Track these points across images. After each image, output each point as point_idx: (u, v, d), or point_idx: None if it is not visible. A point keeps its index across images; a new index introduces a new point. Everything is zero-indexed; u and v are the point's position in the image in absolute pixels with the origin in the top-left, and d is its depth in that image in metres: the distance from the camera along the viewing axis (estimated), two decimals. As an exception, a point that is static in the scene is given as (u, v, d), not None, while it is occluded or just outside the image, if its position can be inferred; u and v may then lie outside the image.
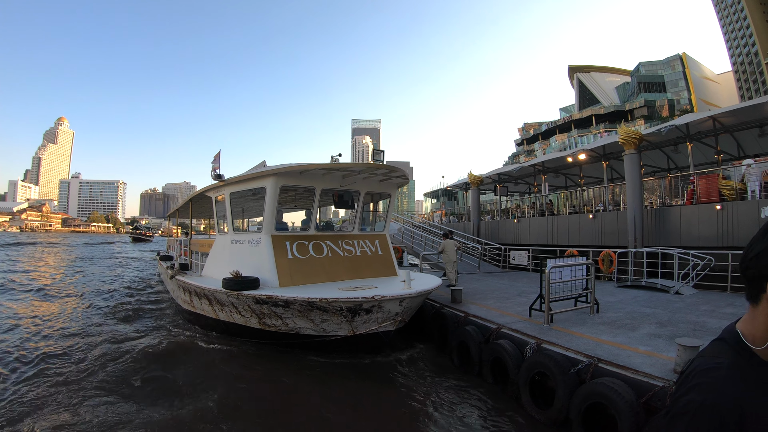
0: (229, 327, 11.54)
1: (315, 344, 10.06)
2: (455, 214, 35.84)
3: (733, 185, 14.55)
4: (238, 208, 14.26)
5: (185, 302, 14.02)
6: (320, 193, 11.70)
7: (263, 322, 10.37)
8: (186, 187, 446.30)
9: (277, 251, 10.68)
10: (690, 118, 17.28)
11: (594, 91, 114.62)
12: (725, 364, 1.21)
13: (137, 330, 13.16)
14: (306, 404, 7.84)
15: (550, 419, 6.65)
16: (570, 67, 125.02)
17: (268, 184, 10.77)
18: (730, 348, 1.25)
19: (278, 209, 11.46)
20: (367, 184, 12.50)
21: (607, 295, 12.55)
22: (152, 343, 11.41)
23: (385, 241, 13.12)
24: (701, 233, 14.69)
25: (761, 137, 17.04)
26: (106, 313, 15.85)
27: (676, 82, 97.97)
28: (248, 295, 9.70)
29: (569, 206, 23.34)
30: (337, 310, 9.04)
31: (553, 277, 9.44)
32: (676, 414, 1.19)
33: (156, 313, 16.01)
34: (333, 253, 11.62)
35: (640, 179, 16.62)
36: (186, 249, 17.24)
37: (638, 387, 5.74)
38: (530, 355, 7.58)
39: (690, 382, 1.22)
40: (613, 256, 15.66)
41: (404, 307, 9.17)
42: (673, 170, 21.97)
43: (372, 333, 9.40)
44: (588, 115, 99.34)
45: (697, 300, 11.76)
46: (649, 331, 8.36)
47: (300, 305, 9.20)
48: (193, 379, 8.97)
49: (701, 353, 1.33)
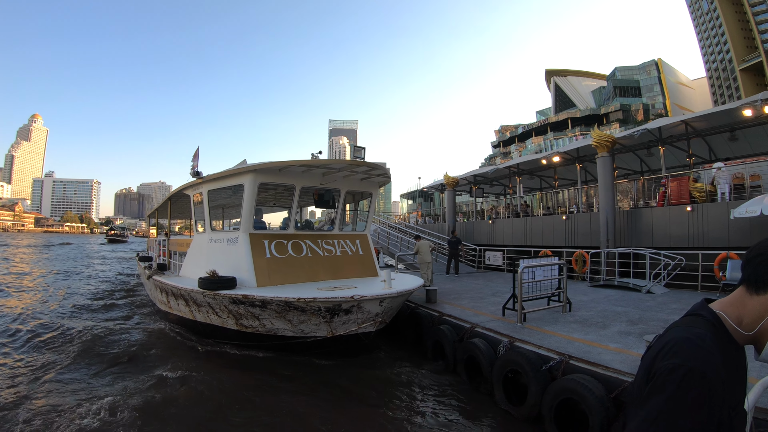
0: (206, 328, 11.27)
1: (293, 346, 9.90)
2: (431, 215, 36.03)
3: (704, 188, 14.94)
4: (216, 206, 14.07)
5: (162, 303, 13.75)
6: (300, 192, 11.49)
7: (240, 323, 10.15)
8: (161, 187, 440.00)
9: (255, 250, 10.46)
10: (662, 122, 17.62)
11: (570, 95, 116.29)
12: (708, 337, 1.24)
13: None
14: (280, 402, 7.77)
15: (523, 415, 6.72)
16: (547, 70, 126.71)
17: (246, 181, 10.58)
18: (709, 323, 1.30)
19: (258, 208, 11.32)
20: (348, 183, 12.32)
21: (579, 295, 12.70)
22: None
23: (366, 241, 12.96)
24: (672, 234, 15.02)
25: (732, 141, 17.44)
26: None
27: (651, 87, 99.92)
28: (224, 295, 9.47)
29: (544, 207, 23.65)
30: (316, 311, 8.88)
31: (526, 276, 9.53)
32: (661, 376, 1.19)
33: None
34: (312, 252, 11.43)
35: (612, 181, 16.91)
36: (165, 249, 16.97)
37: (608, 383, 5.83)
38: (503, 353, 7.62)
39: (675, 348, 1.23)
40: (586, 256, 15.89)
41: (384, 308, 9.05)
42: (645, 173, 22.37)
43: (352, 334, 9.26)
44: (564, 119, 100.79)
45: (668, 299, 12.01)
46: (620, 329, 8.50)
47: (277, 305, 9.02)
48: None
49: (677, 323, 1.37)
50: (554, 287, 10.48)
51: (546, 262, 10.28)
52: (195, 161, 11.89)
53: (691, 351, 1.19)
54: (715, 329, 1.28)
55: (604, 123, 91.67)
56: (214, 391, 8.16)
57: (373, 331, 9.32)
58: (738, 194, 14.27)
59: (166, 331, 12.71)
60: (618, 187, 18.32)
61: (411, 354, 10.59)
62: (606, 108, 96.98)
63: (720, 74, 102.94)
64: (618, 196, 18.06)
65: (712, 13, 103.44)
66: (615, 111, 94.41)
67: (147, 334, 12.57)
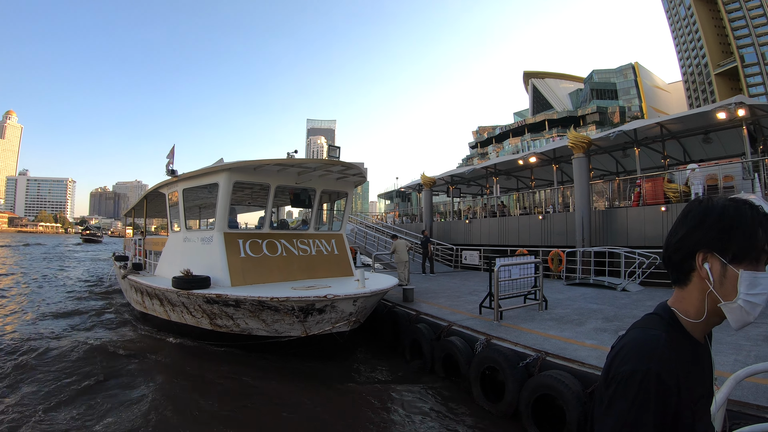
0: (181, 328, 11.14)
1: (268, 346, 9.79)
2: (408, 215, 36.05)
3: (678, 188, 15.18)
4: (193, 206, 13.89)
5: (137, 303, 13.56)
6: (275, 191, 11.46)
7: (215, 322, 10.04)
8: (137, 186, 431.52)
9: (230, 249, 10.37)
10: (638, 124, 17.91)
11: (548, 97, 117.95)
12: (663, 336, 1.30)
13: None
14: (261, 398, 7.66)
15: (501, 412, 6.74)
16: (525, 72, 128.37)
17: (221, 179, 10.50)
18: (665, 322, 1.37)
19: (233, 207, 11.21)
20: (324, 182, 12.28)
21: (555, 293, 12.80)
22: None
23: (342, 240, 12.93)
24: (647, 233, 15.22)
25: (706, 143, 17.78)
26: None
27: (627, 89, 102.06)
28: (198, 295, 9.37)
29: (520, 207, 23.87)
30: (289, 310, 8.81)
31: (502, 275, 9.62)
32: (622, 381, 1.24)
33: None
34: (288, 252, 11.37)
35: (588, 182, 17.09)
36: (141, 249, 16.71)
37: (584, 378, 5.86)
38: (480, 350, 7.62)
39: (631, 352, 1.29)
40: (562, 255, 16.00)
41: (358, 307, 9.00)
42: (621, 173, 22.67)
43: (326, 334, 9.18)
44: (541, 120, 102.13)
45: (643, 296, 12.17)
46: (596, 326, 8.57)
47: (250, 305, 8.94)
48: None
49: (636, 324, 1.42)
50: (530, 285, 10.59)
51: (522, 260, 10.39)
52: (170, 159, 11.73)
53: (647, 353, 1.26)
54: (671, 327, 1.35)
55: (581, 125, 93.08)
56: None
57: (347, 331, 9.25)
58: (711, 194, 14.38)
59: (139, 333, 12.49)
60: (594, 188, 18.52)
61: (388, 353, 10.56)
62: (583, 110, 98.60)
63: (695, 78, 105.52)
64: (594, 197, 18.26)
65: (689, 19, 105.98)
66: (592, 113, 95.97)
67: (118, 336, 12.32)
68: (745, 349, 6.57)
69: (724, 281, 1.28)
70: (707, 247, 1.30)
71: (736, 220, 1.28)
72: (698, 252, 1.31)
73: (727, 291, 1.28)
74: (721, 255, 1.28)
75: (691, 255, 1.33)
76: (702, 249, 1.31)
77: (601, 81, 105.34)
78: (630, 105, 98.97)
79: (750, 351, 6.53)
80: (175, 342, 11.17)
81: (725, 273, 1.28)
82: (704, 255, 1.30)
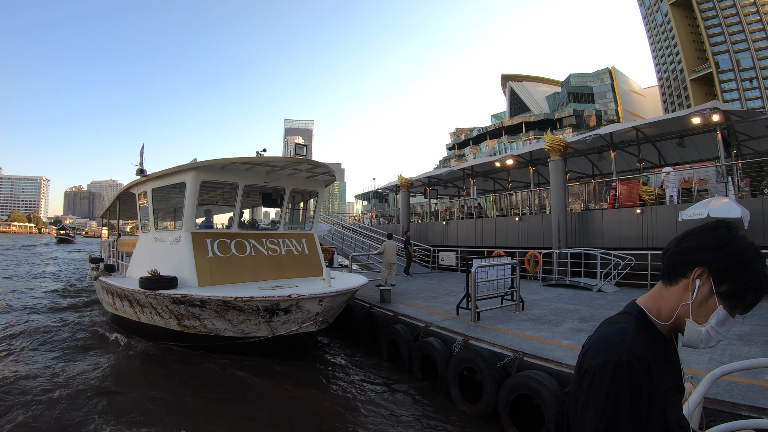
0: (150, 330, 10.93)
1: (235, 347, 9.65)
2: (385, 216, 36.10)
3: (653, 191, 15.45)
4: (167, 206, 13.66)
5: (109, 305, 13.29)
6: (244, 190, 11.34)
7: (182, 323, 9.88)
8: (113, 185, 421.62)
9: (197, 249, 10.24)
10: (614, 128, 18.19)
11: (525, 100, 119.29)
12: (630, 328, 1.39)
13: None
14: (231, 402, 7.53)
15: (480, 412, 6.72)
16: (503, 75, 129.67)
17: (188, 179, 10.38)
18: (634, 318, 1.46)
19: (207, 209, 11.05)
20: (293, 181, 12.17)
21: (532, 294, 12.85)
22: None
23: (313, 240, 12.83)
24: (622, 235, 15.43)
25: (680, 147, 18.17)
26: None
27: (604, 93, 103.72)
28: (165, 295, 9.25)
29: (497, 209, 24.01)
30: (254, 310, 8.68)
31: (479, 276, 9.61)
32: (596, 374, 1.30)
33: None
34: (257, 252, 11.26)
35: (564, 184, 17.26)
36: (114, 250, 16.38)
37: (562, 378, 5.87)
38: (458, 351, 7.59)
39: (601, 345, 1.38)
40: (539, 256, 16.11)
41: (325, 307, 8.86)
42: (597, 176, 22.96)
43: (293, 334, 9.06)
44: (518, 123, 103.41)
45: (618, 297, 12.30)
46: (572, 326, 8.62)
47: (216, 305, 8.82)
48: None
49: (607, 321, 1.53)
50: (507, 286, 10.62)
51: (499, 262, 10.44)
52: (140, 158, 11.60)
53: (616, 344, 1.33)
54: (639, 322, 1.44)
55: (558, 128, 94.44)
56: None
57: (314, 331, 9.15)
58: (686, 197, 14.88)
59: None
60: (570, 190, 18.76)
61: (366, 354, 10.48)
62: (560, 113, 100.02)
63: (671, 83, 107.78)
64: (570, 199, 18.50)
65: (665, 25, 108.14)
66: (568, 116, 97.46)
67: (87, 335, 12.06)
68: (719, 348, 6.65)
69: (704, 304, 1.37)
70: (709, 270, 1.35)
71: (748, 269, 1.32)
72: (699, 267, 1.37)
73: (700, 313, 1.38)
74: (715, 284, 1.34)
75: (691, 266, 1.38)
76: (704, 267, 1.36)
77: (578, 84, 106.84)
78: (606, 108, 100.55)
79: (725, 350, 6.63)
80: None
81: (708, 299, 1.36)
82: (702, 272, 1.36)
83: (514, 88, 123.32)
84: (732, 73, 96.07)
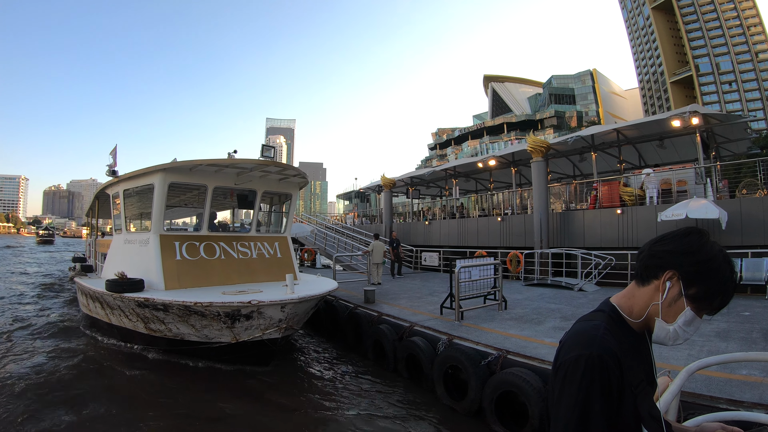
0: (121, 332, 10.82)
1: (200, 351, 9.48)
2: (368, 216, 36.07)
3: (633, 192, 15.73)
4: (132, 206, 13.51)
5: (84, 306, 13.11)
6: (213, 192, 11.17)
7: (149, 326, 9.75)
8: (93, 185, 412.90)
9: (165, 252, 10.10)
10: (595, 130, 18.44)
11: (507, 101, 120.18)
12: (603, 324, 1.45)
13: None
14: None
15: (465, 409, 6.82)
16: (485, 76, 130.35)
17: (156, 180, 10.26)
18: (607, 315, 1.52)
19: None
20: (265, 183, 11.98)
21: (515, 293, 12.97)
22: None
23: (286, 243, 12.62)
24: (603, 235, 15.66)
25: (660, 149, 18.46)
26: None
27: (585, 95, 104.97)
28: (130, 298, 9.12)
29: (479, 209, 24.15)
30: (216, 316, 8.53)
31: (462, 276, 9.73)
32: (569, 368, 1.36)
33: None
34: (226, 255, 11.08)
35: (546, 185, 17.45)
36: (93, 250, 16.15)
37: (545, 375, 5.98)
38: (443, 350, 7.68)
39: (575, 341, 1.44)
40: (521, 256, 16.24)
41: (288, 314, 8.64)
42: (578, 177, 23.24)
43: (256, 340, 8.86)
44: (500, 123, 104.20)
45: (599, 296, 12.36)
46: (554, 325, 8.75)
47: (178, 309, 8.70)
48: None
49: (582, 318, 1.58)
50: (490, 286, 10.75)
51: (482, 262, 10.56)
52: (112, 159, 11.51)
53: (588, 339, 1.39)
54: (611, 320, 1.49)
55: (539, 128, 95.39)
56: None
57: (279, 338, 8.90)
58: (665, 198, 15.19)
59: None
60: (551, 191, 18.97)
61: (351, 354, 10.53)
62: (541, 114, 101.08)
63: (652, 86, 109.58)
64: (551, 199, 18.68)
65: (647, 29, 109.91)
66: (550, 117, 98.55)
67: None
68: (697, 345, 6.80)
69: (672, 305, 1.43)
70: (679, 273, 1.41)
71: (716, 274, 1.39)
72: (670, 270, 1.43)
73: (669, 313, 1.44)
74: (684, 286, 1.41)
75: (663, 268, 1.44)
76: (674, 270, 1.42)
77: (560, 86, 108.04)
78: (587, 110, 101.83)
79: (703, 346, 6.77)
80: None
81: (676, 300, 1.42)
82: (672, 275, 1.42)
83: (496, 88, 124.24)
84: (712, 76, 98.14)
